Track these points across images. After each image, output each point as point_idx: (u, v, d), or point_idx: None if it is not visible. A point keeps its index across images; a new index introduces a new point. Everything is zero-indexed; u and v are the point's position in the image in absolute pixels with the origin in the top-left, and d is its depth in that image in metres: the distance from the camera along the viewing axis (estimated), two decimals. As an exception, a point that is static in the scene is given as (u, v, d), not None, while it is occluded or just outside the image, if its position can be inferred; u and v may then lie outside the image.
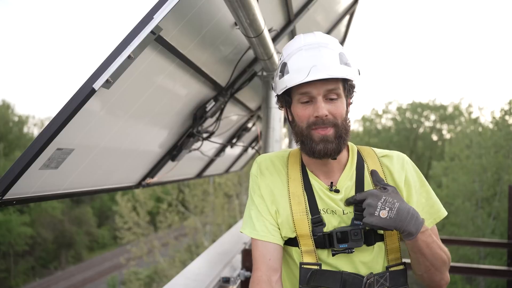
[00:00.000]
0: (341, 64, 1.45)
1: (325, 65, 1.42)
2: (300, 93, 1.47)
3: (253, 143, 5.73)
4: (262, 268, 1.54)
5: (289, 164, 1.64)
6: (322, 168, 1.58)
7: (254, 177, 1.67)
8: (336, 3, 4.21)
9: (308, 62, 1.43)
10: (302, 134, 1.49)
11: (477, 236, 20.90)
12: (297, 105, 1.50)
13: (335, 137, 1.46)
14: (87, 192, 2.47)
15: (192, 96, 2.76)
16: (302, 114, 1.48)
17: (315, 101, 1.45)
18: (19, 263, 29.71)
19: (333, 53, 1.46)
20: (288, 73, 1.47)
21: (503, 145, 23.74)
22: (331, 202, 1.54)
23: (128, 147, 2.50)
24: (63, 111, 1.56)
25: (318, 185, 1.57)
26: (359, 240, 1.48)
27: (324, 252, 1.54)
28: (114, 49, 1.58)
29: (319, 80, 1.42)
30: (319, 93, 1.45)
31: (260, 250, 1.56)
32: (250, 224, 1.61)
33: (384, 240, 1.55)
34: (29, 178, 1.74)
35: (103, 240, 38.02)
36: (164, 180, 3.60)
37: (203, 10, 2.05)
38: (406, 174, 1.59)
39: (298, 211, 1.54)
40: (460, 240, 7.61)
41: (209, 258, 3.65)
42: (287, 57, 1.51)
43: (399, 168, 1.59)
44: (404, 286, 1.56)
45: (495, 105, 66.35)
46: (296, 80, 1.43)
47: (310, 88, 1.44)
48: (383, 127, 39.72)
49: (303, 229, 1.53)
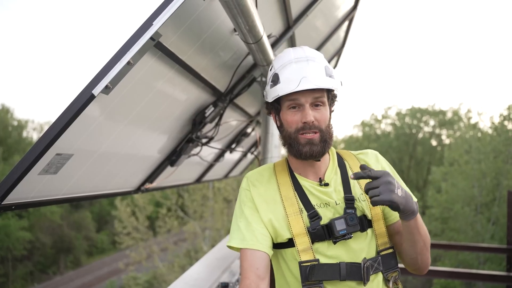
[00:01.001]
0: (327, 76, 1.63)
1: (313, 76, 1.59)
2: (290, 100, 1.64)
3: (252, 148, 5.74)
4: (251, 277, 1.58)
5: (277, 172, 1.78)
6: (310, 169, 1.73)
7: (244, 191, 1.76)
8: (335, 9, 4.22)
9: (298, 74, 1.60)
10: (290, 138, 1.66)
11: (476, 242, 20.87)
12: (286, 111, 1.66)
13: (320, 141, 1.63)
14: (86, 197, 2.47)
15: (191, 102, 2.77)
16: (291, 120, 1.64)
17: (303, 108, 1.62)
18: (17, 268, 29.61)
19: (320, 66, 1.64)
20: (279, 83, 1.63)
21: (502, 151, 23.77)
22: (323, 196, 1.67)
23: (127, 152, 2.50)
24: (63, 116, 1.57)
25: (308, 184, 1.70)
26: (355, 225, 1.60)
27: (324, 244, 1.62)
28: (114, 55, 1.59)
29: (307, 90, 1.59)
30: (307, 101, 1.62)
31: (249, 260, 1.61)
32: (239, 235, 1.66)
33: (372, 227, 1.67)
34: (28, 183, 1.74)
35: (102, 245, 37.94)
36: (163, 185, 3.61)
37: (202, 16, 2.06)
38: (381, 165, 1.79)
39: (292, 212, 1.64)
40: (459, 246, 7.63)
41: (208, 263, 3.66)
42: (278, 68, 1.68)
43: (374, 161, 1.80)
44: (395, 268, 1.69)
45: (494, 111, 66.57)
46: (287, 89, 1.60)
47: (299, 96, 1.61)
48: (382, 132, 39.68)
49: (298, 227, 1.62)
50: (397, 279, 1.72)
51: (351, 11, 4.61)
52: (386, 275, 1.68)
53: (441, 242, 8.41)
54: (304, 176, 1.73)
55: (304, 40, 3.99)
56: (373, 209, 1.67)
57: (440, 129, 38.39)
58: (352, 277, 1.60)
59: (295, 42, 3.70)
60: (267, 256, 1.63)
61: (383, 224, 1.70)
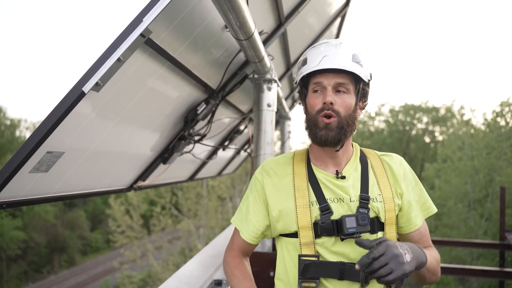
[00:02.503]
0: (353, 62, 1.58)
1: (336, 57, 1.57)
2: (313, 83, 1.62)
3: (245, 145, 5.74)
4: (236, 250, 1.81)
5: (295, 161, 1.75)
6: (330, 161, 1.69)
7: (255, 179, 1.77)
8: (327, 6, 4.23)
9: (321, 54, 1.59)
10: (310, 121, 1.63)
11: (470, 237, 21.01)
12: (310, 95, 1.64)
13: (336, 126, 1.58)
14: (78, 195, 2.46)
15: (183, 99, 2.76)
16: (313, 103, 1.62)
17: (325, 91, 1.59)
18: (11, 267, 29.48)
19: (348, 51, 1.60)
20: (305, 64, 1.63)
21: (495, 147, 23.91)
22: (338, 190, 1.63)
23: (119, 150, 2.49)
24: (53, 114, 1.56)
25: (323, 176, 1.66)
26: (365, 225, 1.56)
27: (331, 239, 1.59)
28: (104, 52, 1.58)
29: (330, 72, 1.57)
30: (329, 84, 1.58)
31: (240, 239, 1.79)
32: (239, 217, 1.80)
33: (383, 230, 1.63)
34: (19, 182, 1.73)
35: (96, 243, 37.84)
36: (156, 183, 3.60)
37: (193, 12, 2.05)
38: (404, 171, 1.73)
39: (302, 204, 1.62)
40: (452, 242, 7.66)
41: (202, 260, 3.66)
42: (307, 52, 1.67)
43: (398, 164, 1.74)
44: None
45: (487, 107, 66.81)
46: (309, 68, 1.59)
47: (322, 79, 1.59)
48: (376, 129, 39.78)
49: (305, 220, 1.60)
50: (399, 286, 1.65)
51: (343, 8, 4.62)
52: None
53: (434, 238, 8.42)
54: (323, 168, 1.69)
55: (296, 36, 4.00)
56: (387, 212, 1.63)
57: (433, 126, 38.56)
58: (351, 278, 1.57)
59: (287, 38, 3.71)
60: (249, 245, 1.79)
61: (395, 229, 1.66)
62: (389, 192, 1.65)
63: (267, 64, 2.77)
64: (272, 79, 2.95)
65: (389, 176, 1.70)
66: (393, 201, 1.64)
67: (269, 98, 2.96)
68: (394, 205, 1.64)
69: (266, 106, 2.96)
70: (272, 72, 2.94)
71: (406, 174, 1.73)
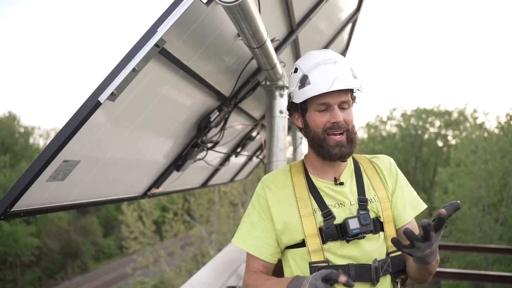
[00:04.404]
0: (353, 77, 1.66)
1: (343, 77, 1.62)
2: (319, 103, 1.66)
3: (258, 152, 5.74)
4: (252, 272, 1.76)
5: (293, 174, 1.81)
6: (329, 170, 1.76)
7: (257, 196, 1.81)
8: (338, 11, 4.23)
9: (329, 75, 1.62)
10: (319, 139, 1.68)
11: (485, 242, 20.76)
12: (314, 113, 1.69)
13: (347, 141, 1.67)
14: (93, 203, 2.49)
15: (196, 107, 2.78)
16: (320, 121, 1.67)
17: (331, 109, 1.65)
18: (25, 273, 29.75)
19: (347, 68, 1.67)
20: (309, 84, 1.65)
21: (509, 150, 23.62)
22: (338, 195, 1.70)
23: (134, 158, 2.52)
24: (69, 124, 1.58)
25: (323, 185, 1.74)
26: (368, 225, 1.63)
27: (336, 244, 1.65)
28: (119, 62, 1.60)
29: (337, 91, 1.62)
30: (336, 102, 1.65)
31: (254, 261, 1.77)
32: (240, 235, 1.80)
33: (383, 229, 1.71)
34: (36, 190, 1.76)
35: (109, 250, 38.05)
36: (169, 190, 3.62)
37: (206, 22, 2.07)
38: (395, 170, 1.83)
39: (306, 213, 1.68)
40: (467, 247, 7.60)
41: (215, 267, 3.66)
42: (306, 70, 1.69)
43: (388, 165, 1.84)
44: (404, 270, 1.73)
45: (500, 110, 66.18)
46: (320, 90, 1.61)
47: (329, 99, 1.64)
48: (387, 134, 39.57)
49: (311, 228, 1.65)
50: (405, 281, 1.75)
51: (355, 13, 4.61)
52: (395, 276, 1.72)
53: (448, 243, 8.37)
54: (321, 176, 1.76)
55: (308, 43, 4.00)
56: (384, 211, 1.70)
57: (446, 129, 38.23)
58: (362, 278, 1.63)
59: (298, 45, 3.71)
60: (264, 263, 1.76)
61: (394, 226, 1.73)
62: (383, 191, 1.74)
63: (279, 71, 2.78)
64: (284, 86, 2.96)
65: (381, 177, 1.80)
66: (388, 199, 1.73)
67: (281, 105, 2.97)
68: (390, 203, 1.73)
69: (278, 113, 2.97)
70: (284, 79, 2.95)
71: (396, 174, 1.82)
